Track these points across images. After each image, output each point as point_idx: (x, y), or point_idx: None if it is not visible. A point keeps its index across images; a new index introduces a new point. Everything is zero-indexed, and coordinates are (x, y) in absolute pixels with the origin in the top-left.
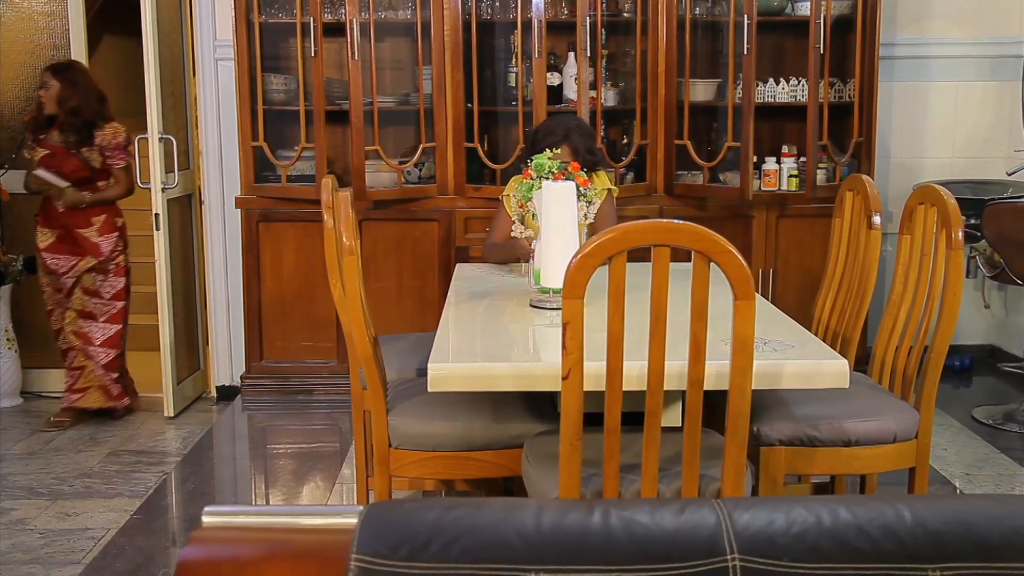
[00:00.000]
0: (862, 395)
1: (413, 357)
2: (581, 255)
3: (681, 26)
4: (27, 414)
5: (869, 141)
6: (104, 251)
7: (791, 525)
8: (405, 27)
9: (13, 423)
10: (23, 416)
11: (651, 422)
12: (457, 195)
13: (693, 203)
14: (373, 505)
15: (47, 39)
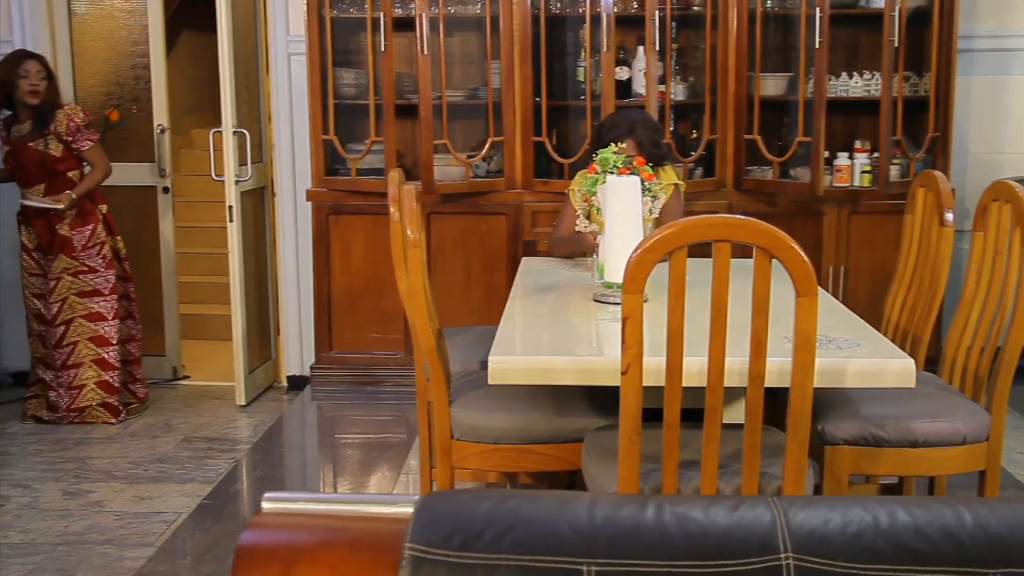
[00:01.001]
0: (931, 395)
1: (477, 350)
2: (641, 250)
3: (752, 19)
4: None
5: (945, 136)
6: (77, 246)
7: (847, 525)
8: (474, 21)
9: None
10: None
11: (711, 418)
12: (525, 189)
13: (762, 199)
14: (429, 495)
15: (127, 35)
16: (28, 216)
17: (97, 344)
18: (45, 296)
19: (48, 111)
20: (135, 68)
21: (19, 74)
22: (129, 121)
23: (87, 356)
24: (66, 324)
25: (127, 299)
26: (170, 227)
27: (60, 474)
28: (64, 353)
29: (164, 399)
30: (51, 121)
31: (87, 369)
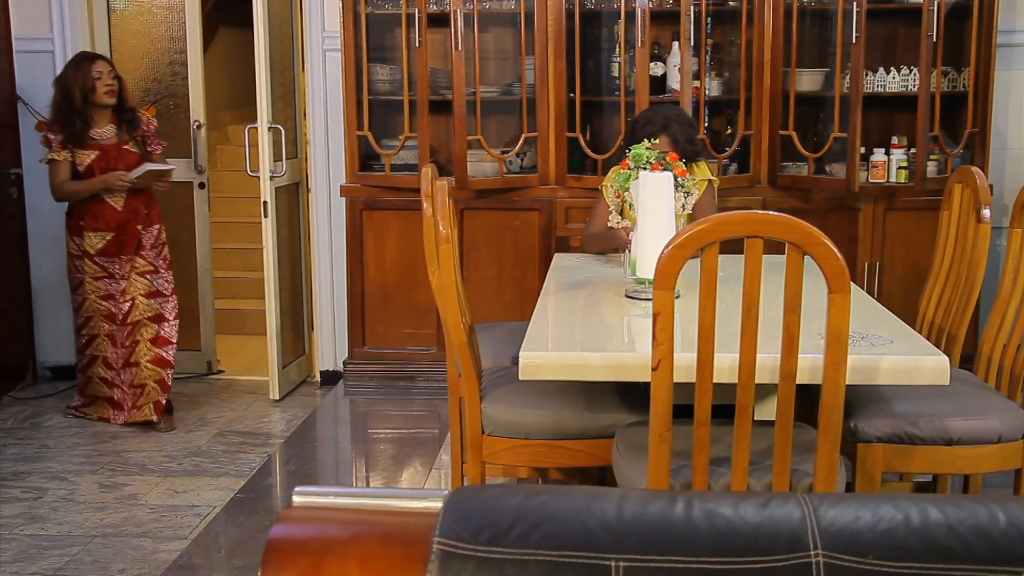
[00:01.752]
0: (966, 393)
1: (509, 345)
2: (672, 246)
3: (788, 15)
4: None
5: (984, 132)
6: (146, 244)
7: (878, 522)
8: (508, 17)
9: None
10: None
11: (742, 415)
12: (558, 185)
13: (797, 195)
14: (458, 490)
15: (164, 31)
16: (98, 218)
17: (159, 344)
18: (115, 296)
19: (131, 112)
20: (172, 64)
21: (93, 76)
22: (166, 117)
23: (147, 356)
24: (134, 325)
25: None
26: (206, 223)
27: (96, 467)
28: (127, 352)
29: (199, 393)
30: (139, 122)
31: (146, 369)
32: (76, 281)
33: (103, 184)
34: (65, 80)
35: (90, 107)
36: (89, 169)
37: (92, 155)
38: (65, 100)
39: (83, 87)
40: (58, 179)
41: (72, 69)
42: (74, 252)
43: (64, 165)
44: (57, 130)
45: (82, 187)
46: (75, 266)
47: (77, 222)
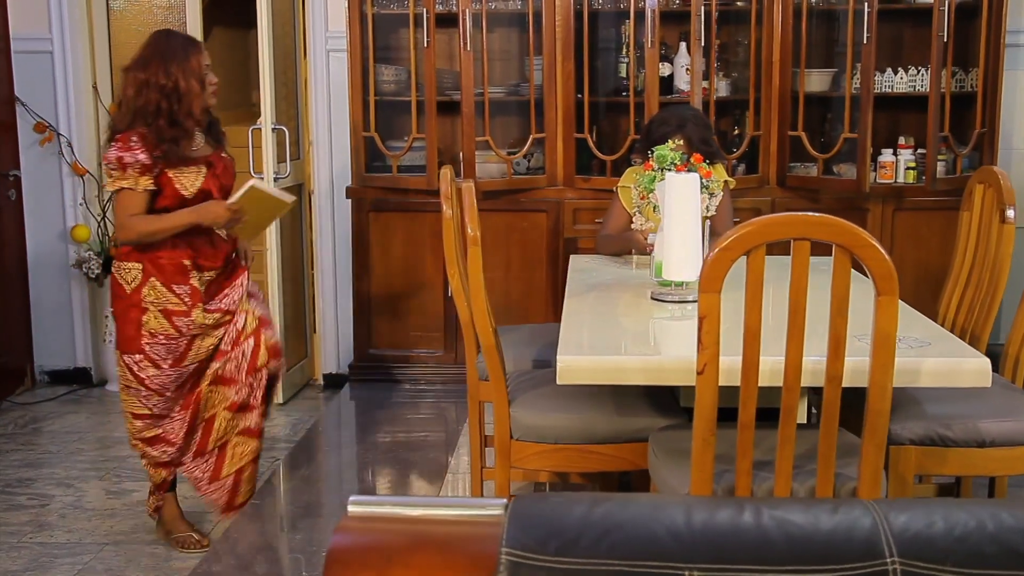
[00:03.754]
0: (996, 394)
1: (528, 348)
2: (719, 248)
3: (797, 15)
4: None
5: (992, 132)
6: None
7: (952, 528)
8: (516, 17)
9: None
10: None
11: (787, 419)
12: (566, 186)
13: (806, 195)
14: (518, 499)
15: None
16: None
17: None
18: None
19: (212, 113)
20: None
21: (203, 69)
22: None
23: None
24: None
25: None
26: None
27: (102, 473)
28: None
29: None
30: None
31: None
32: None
33: (198, 218)
34: (168, 74)
35: (182, 114)
36: (202, 193)
37: (201, 173)
38: (167, 102)
39: (195, 85)
40: (131, 212)
41: (178, 59)
42: (175, 308)
43: (142, 196)
44: (143, 145)
45: (171, 224)
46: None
47: (179, 262)
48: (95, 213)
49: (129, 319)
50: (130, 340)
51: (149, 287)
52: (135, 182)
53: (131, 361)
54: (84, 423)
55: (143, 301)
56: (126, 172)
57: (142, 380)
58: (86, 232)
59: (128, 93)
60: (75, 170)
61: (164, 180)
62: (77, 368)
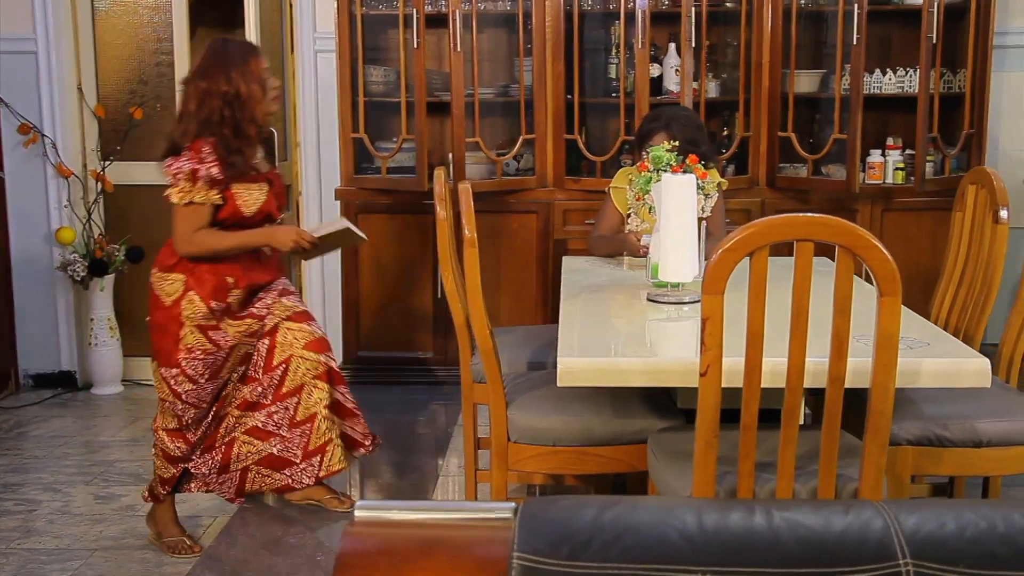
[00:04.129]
0: (991, 394)
1: (522, 350)
2: (722, 250)
3: (787, 16)
4: (128, 401)
5: (980, 133)
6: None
7: (963, 529)
8: (506, 18)
9: (115, 410)
10: (125, 403)
11: (789, 420)
12: (556, 187)
13: (796, 196)
14: (527, 503)
15: (151, 32)
16: (254, 270)
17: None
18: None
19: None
20: (160, 66)
21: (264, 76)
22: (153, 119)
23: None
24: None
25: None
26: None
27: (90, 478)
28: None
29: None
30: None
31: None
32: (216, 364)
33: (269, 241)
34: (229, 80)
35: (260, 119)
36: (261, 213)
37: (263, 191)
38: (229, 109)
39: (257, 90)
40: (196, 227)
41: (237, 64)
42: (207, 324)
43: (209, 210)
44: (215, 157)
45: (242, 242)
46: (217, 341)
47: (223, 279)
48: (80, 215)
49: (168, 333)
50: (167, 354)
51: (187, 301)
52: (205, 196)
53: (168, 375)
54: (70, 427)
55: (181, 315)
56: (196, 185)
57: (178, 395)
58: (71, 234)
59: (190, 107)
60: (60, 172)
61: (228, 195)
62: (62, 372)
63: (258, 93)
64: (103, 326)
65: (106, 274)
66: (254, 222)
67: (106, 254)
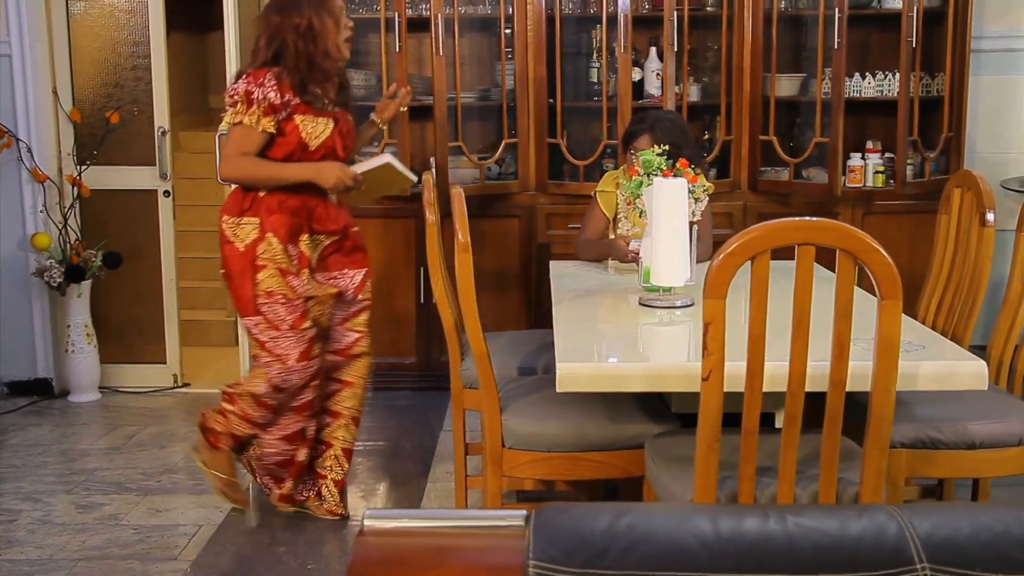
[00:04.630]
0: (982, 396)
1: (511, 356)
2: (724, 254)
3: (768, 20)
4: (105, 409)
5: (959, 136)
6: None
7: (978, 533)
8: (487, 22)
9: (93, 417)
10: (102, 411)
11: (790, 424)
12: (539, 191)
13: (778, 199)
14: (540, 510)
15: (127, 35)
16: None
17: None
18: (339, 328)
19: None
20: (136, 69)
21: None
22: (129, 123)
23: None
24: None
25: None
26: (171, 232)
27: (70, 486)
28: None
29: (166, 408)
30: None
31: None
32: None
33: (315, 176)
34: (302, 14)
35: (334, 53)
36: (325, 147)
37: (328, 127)
38: (303, 42)
39: (331, 24)
40: (242, 150)
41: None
42: (287, 268)
43: (259, 137)
44: (276, 84)
45: (284, 174)
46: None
47: (297, 222)
48: (56, 220)
49: (245, 279)
50: (246, 302)
51: (266, 244)
52: (256, 120)
53: (250, 324)
54: (47, 435)
55: (259, 258)
56: (250, 108)
57: (262, 344)
58: (47, 240)
59: (260, 42)
60: (35, 176)
61: (289, 127)
62: (38, 379)
63: (332, 27)
64: (80, 332)
65: (83, 280)
66: (315, 159)
67: (83, 260)
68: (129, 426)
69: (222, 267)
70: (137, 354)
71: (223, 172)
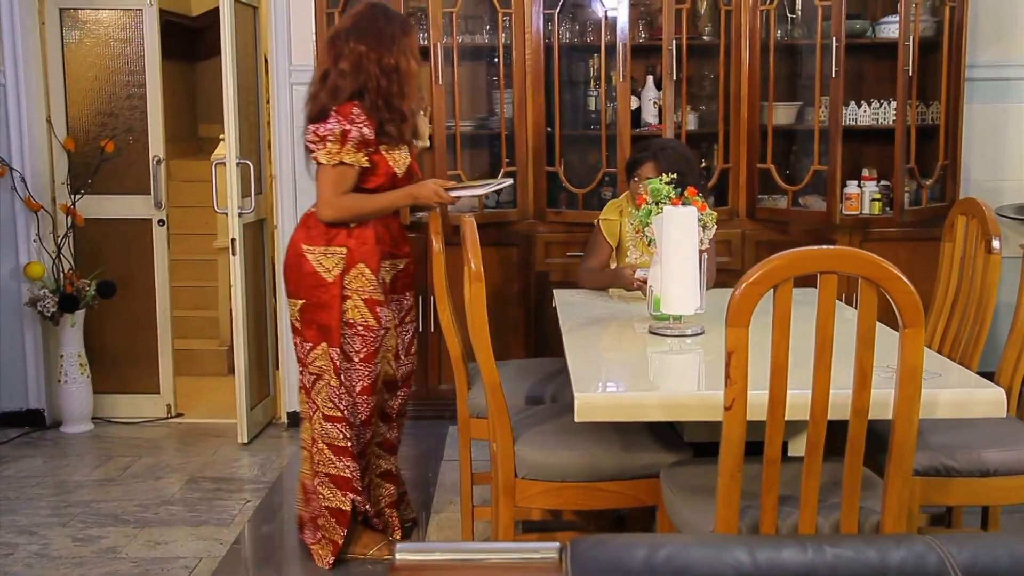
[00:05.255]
0: (993, 423)
1: (518, 385)
2: (747, 282)
3: (764, 49)
4: (99, 440)
5: (955, 164)
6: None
7: (1017, 563)
8: (486, 51)
9: (87, 449)
10: (96, 442)
11: (812, 452)
12: (537, 220)
13: (776, 227)
14: (575, 542)
15: (122, 64)
16: (394, 241)
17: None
18: (401, 356)
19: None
20: (131, 98)
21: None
22: (124, 152)
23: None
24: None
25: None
26: (164, 261)
27: (66, 519)
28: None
29: (161, 438)
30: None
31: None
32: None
33: (414, 198)
34: (391, 52)
35: (411, 94)
36: (410, 172)
37: (405, 151)
38: (386, 81)
39: (414, 66)
40: (342, 189)
41: (400, 38)
42: (378, 298)
43: (355, 173)
44: (366, 119)
45: (386, 203)
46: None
47: (384, 249)
48: (49, 250)
49: (331, 310)
50: (330, 331)
51: (355, 273)
52: (354, 157)
53: (334, 354)
54: (41, 467)
55: (346, 289)
56: (344, 147)
57: (339, 373)
58: (40, 269)
59: (342, 66)
60: (29, 206)
61: (378, 158)
62: (30, 410)
63: (415, 69)
64: (73, 363)
65: (76, 309)
66: (404, 184)
67: (76, 289)
68: (123, 457)
69: (298, 296)
70: (130, 384)
71: (326, 215)
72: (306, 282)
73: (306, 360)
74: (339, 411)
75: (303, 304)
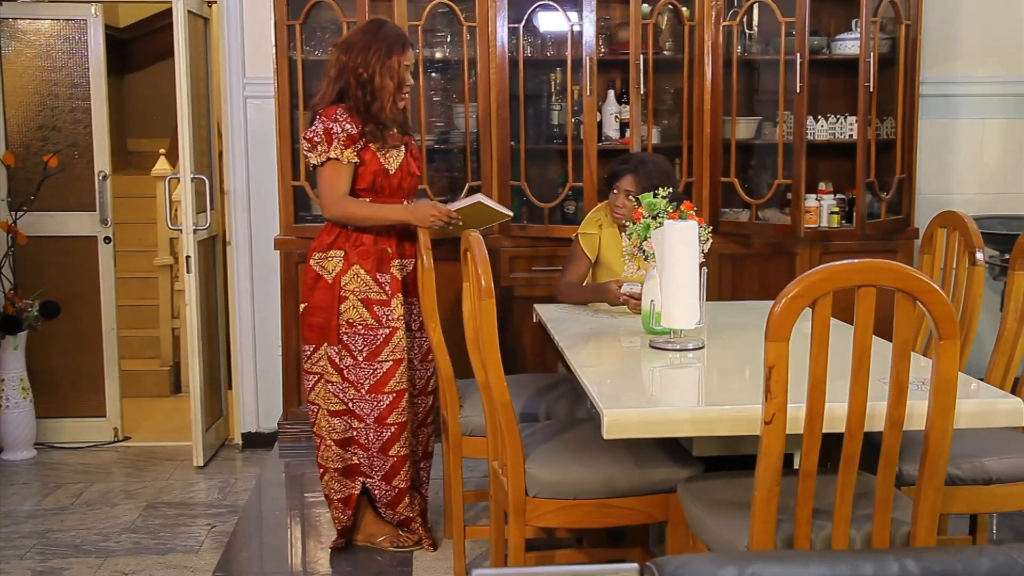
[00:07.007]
0: (990, 432)
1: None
2: (788, 296)
3: (727, 64)
4: (43, 466)
5: (911, 177)
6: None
7: None
8: (451, 64)
9: (32, 476)
10: (41, 468)
11: (848, 465)
12: (502, 234)
13: (739, 240)
14: (657, 562)
15: (64, 76)
16: (407, 244)
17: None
18: (415, 362)
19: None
20: (74, 112)
21: (405, 72)
22: (68, 167)
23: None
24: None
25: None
26: (112, 279)
27: (22, 551)
28: (423, 442)
29: (111, 463)
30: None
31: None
32: (375, 342)
33: (410, 218)
34: (367, 65)
35: (387, 110)
36: (403, 170)
37: (400, 152)
38: (361, 91)
39: (390, 84)
40: (341, 190)
41: (380, 53)
42: (376, 298)
43: (348, 170)
44: (349, 117)
45: (383, 215)
46: (379, 316)
47: (383, 249)
48: None
49: (331, 311)
50: (331, 331)
51: (351, 275)
52: (340, 153)
53: (332, 352)
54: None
55: (343, 290)
56: (332, 144)
57: (340, 370)
58: None
59: (331, 72)
60: None
61: (367, 155)
62: None
63: (390, 88)
64: (15, 387)
65: (19, 331)
66: (395, 183)
67: (18, 310)
68: (73, 484)
69: (303, 300)
70: (74, 408)
71: (329, 212)
72: (310, 285)
73: (309, 364)
74: (343, 404)
75: (306, 307)
